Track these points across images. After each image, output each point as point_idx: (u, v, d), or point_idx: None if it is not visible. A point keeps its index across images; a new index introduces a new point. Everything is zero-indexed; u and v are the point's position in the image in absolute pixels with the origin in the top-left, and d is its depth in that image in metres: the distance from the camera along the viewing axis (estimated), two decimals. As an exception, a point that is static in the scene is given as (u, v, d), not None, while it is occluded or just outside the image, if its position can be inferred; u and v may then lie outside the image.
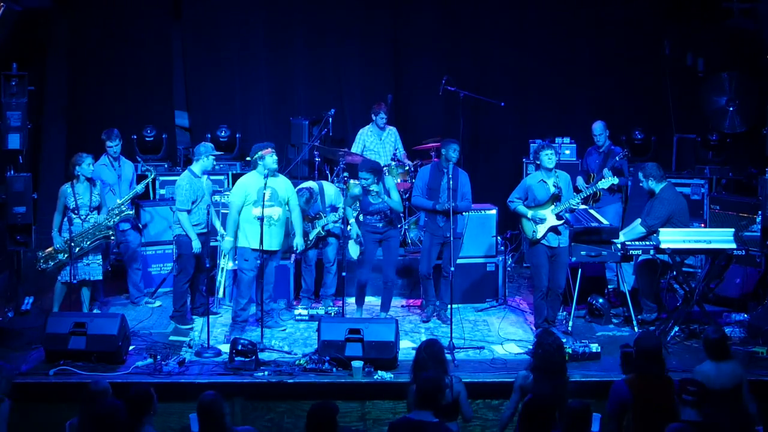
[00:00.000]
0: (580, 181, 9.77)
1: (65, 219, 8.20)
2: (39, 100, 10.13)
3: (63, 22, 10.70)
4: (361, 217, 8.55)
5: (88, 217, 8.28)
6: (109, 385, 5.72)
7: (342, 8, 11.31)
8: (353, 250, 8.76)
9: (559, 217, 7.95)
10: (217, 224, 8.53)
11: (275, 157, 8.04)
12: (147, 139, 10.54)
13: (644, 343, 6.03)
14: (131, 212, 8.89)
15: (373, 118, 10.10)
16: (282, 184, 8.15)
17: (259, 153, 7.99)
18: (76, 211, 8.24)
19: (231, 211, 8.02)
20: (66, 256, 8.15)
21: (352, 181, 8.95)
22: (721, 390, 6.00)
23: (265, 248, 7.91)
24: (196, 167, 8.32)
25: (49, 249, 8.23)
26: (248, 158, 8.14)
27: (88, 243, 8.23)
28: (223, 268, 8.48)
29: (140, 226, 9.27)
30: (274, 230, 8.00)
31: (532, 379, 5.89)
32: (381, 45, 11.39)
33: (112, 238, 8.49)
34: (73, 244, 8.10)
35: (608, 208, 9.51)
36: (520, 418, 5.27)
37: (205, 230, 8.32)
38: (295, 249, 8.38)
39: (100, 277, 8.44)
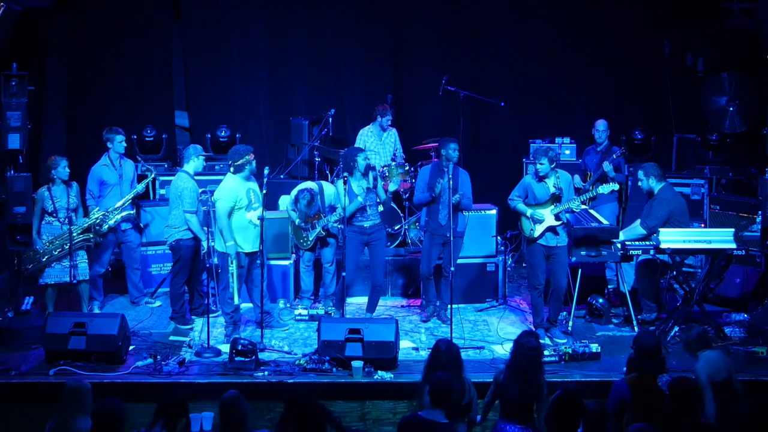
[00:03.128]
0: (577, 179, 9.78)
1: (42, 222, 8.29)
2: (39, 100, 10.14)
3: (63, 22, 10.71)
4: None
5: (65, 219, 8.29)
6: (89, 383, 5.69)
7: (342, 8, 11.31)
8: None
9: (557, 217, 7.94)
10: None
11: (255, 161, 8.04)
12: (147, 139, 10.54)
13: (643, 341, 6.06)
14: (132, 212, 8.89)
15: (379, 119, 10.05)
16: (255, 183, 8.10)
17: (247, 158, 7.92)
18: (54, 214, 8.27)
19: (221, 216, 7.79)
20: (46, 258, 8.20)
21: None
22: (718, 383, 6.09)
23: (252, 250, 7.93)
24: (189, 168, 8.31)
25: (29, 252, 8.24)
26: (230, 162, 8.00)
27: (68, 245, 8.22)
28: (233, 274, 8.37)
29: (141, 226, 9.28)
30: (258, 231, 7.96)
31: (504, 374, 5.96)
32: (381, 45, 11.38)
33: (91, 241, 8.47)
34: (52, 246, 8.22)
35: (604, 207, 9.51)
36: (548, 414, 5.29)
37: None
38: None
39: (87, 277, 8.45)
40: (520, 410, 5.81)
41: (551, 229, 7.96)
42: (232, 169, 7.97)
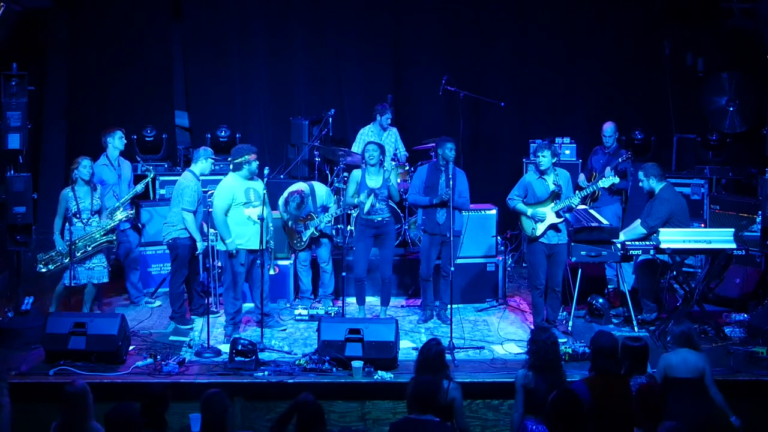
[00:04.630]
0: (582, 178, 9.78)
1: (66, 223, 8.21)
2: (39, 100, 10.14)
3: (63, 22, 10.70)
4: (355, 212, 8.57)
5: (90, 220, 8.28)
6: (86, 384, 5.69)
7: (342, 8, 11.31)
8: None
9: (558, 215, 7.95)
10: (204, 226, 8.48)
11: (257, 162, 8.03)
12: (147, 139, 10.53)
13: (600, 341, 6.03)
14: (132, 212, 8.88)
15: (378, 118, 10.04)
16: (259, 183, 8.12)
17: (246, 157, 7.94)
18: (78, 215, 8.24)
19: (216, 213, 7.88)
20: (67, 259, 8.17)
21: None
22: (684, 379, 6.13)
23: (255, 248, 7.93)
24: (196, 169, 8.32)
25: (51, 253, 8.24)
26: (229, 159, 8.07)
27: (91, 247, 8.22)
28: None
29: (140, 226, 9.27)
30: (258, 229, 7.97)
31: (532, 377, 5.89)
32: (381, 45, 11.38)
33: (115, 241, 8.47)
34: (74, 247, 8.14)
35: (606, 209, 9.50)
36: (548, 415, 5.27)
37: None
38: (268, 247, 8.17)
39: (106, 280, 8.43)
40: None
41: (553, 226, 7.96)
42: (231, 166, 8.02)
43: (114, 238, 8.45)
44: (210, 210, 8.00)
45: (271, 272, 8.41)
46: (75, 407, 5.43)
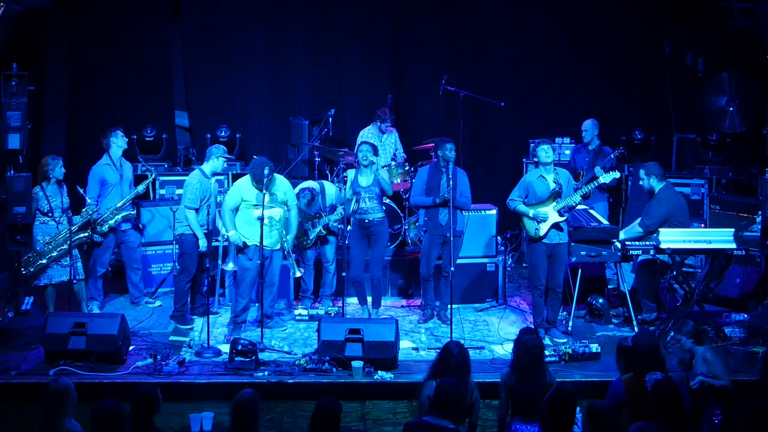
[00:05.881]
0: None
1: (36, 222, 8.24)
2: (39, 100, 10.15)
3: (63, 22, 10.72)
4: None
5: (61, 218, 8.30)
6: (70, 383, 5.68)
7: (342, 8, 11.32)
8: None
9: (560, 213, 7.94)
10: (219, 225, 8.52)
11: (267, 172, 7.94)
12: (147, 139, 10.53)
13: (641, 341, 6.06)
14: (133, 212, 8.90)
15: (378, 123, 10.04)
16: (280, 185, 8.13)
17: (251, 175, 7.95)
18: (50, 214, 8.27)
19: (225, 209, 8.02)
20: (46, 259, 8.21)
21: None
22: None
23: (268, 247, 7.93)
24: (206, 167, 8.34)
25: (28, 254, 8.23)
26: (247, 168, 8.10)
27: (72, 243, 8.23)
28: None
29: (141, 226, 9.28)
30: (275, 230, 8.00)
31: (513, 377, 5.94)
32: (381, 45, 11.39)
33: (84, 235, 8.46)
34: (50, 246, 8.22)
35: (595, 206, 9.51)
36: (542, 413, 5.28)
37: (206, 231, 8.32)
38: (286, 249, 8.18)
39: (83, 276, 8.46)
40: (532, 408, 5.80)
41: (555, 225, 7.95)
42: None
43: (86, 234, 8.45)
44: (218, 210, 8.01)
45: (298, 274, 8.45)
46: (55, 404, 5.43)
